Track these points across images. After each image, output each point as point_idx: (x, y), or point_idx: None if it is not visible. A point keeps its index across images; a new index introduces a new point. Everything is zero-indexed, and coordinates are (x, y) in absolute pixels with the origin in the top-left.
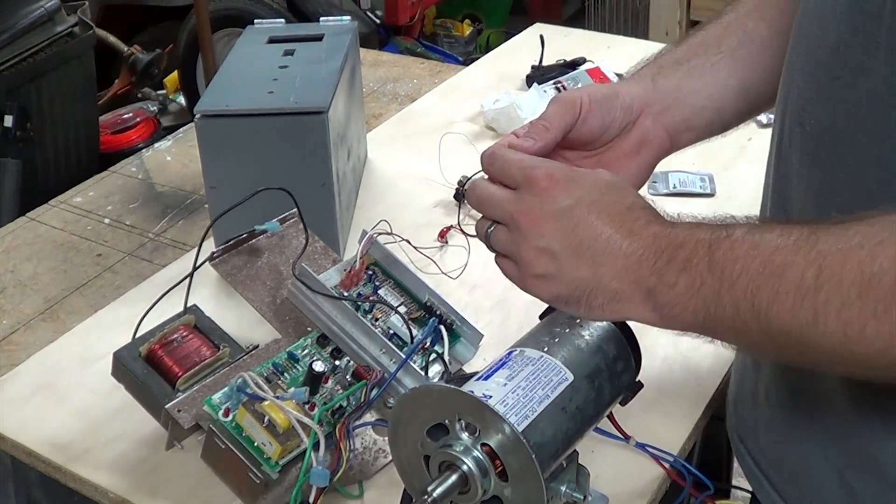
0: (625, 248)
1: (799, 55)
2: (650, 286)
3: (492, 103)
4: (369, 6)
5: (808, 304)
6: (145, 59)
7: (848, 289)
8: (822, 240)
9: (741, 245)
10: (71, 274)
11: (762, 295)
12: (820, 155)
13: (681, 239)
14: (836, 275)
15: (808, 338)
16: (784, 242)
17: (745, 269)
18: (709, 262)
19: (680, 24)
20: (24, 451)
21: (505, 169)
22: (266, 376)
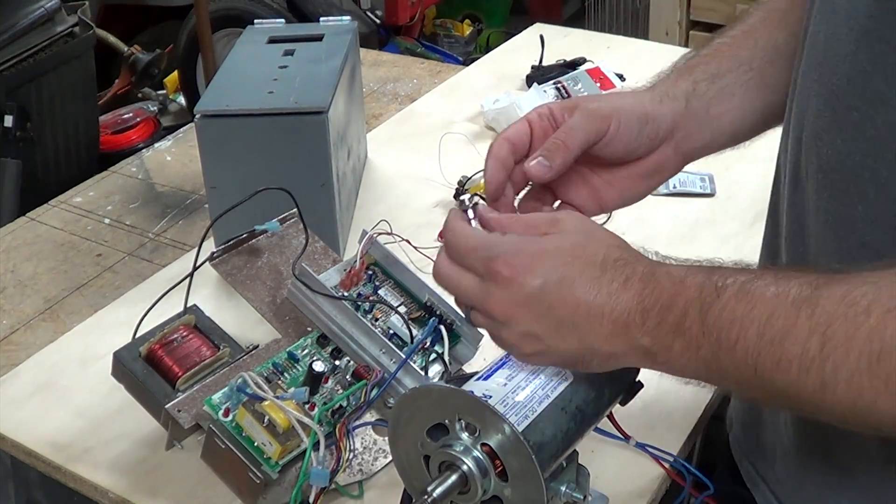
0: (608, 314)
1: (812, 80)
2: (646, 346)
3: (492, 103)
4: (369, 6)
5: (815, 373)
6: (145, 59)
7: (856, 360)
8: (825, 300)
9: (735, 306)
10: (71, 274)
11: (764, 362)
12: (838, 186)
13: (667, 297)
14: (843, 345)
15: (816, 402)
16: (782, 303)
17: (742, 335)
18: (702, 325)
19: (680, 24)
20: (24, 451)
21: (463, 260)
22: (266, 376)
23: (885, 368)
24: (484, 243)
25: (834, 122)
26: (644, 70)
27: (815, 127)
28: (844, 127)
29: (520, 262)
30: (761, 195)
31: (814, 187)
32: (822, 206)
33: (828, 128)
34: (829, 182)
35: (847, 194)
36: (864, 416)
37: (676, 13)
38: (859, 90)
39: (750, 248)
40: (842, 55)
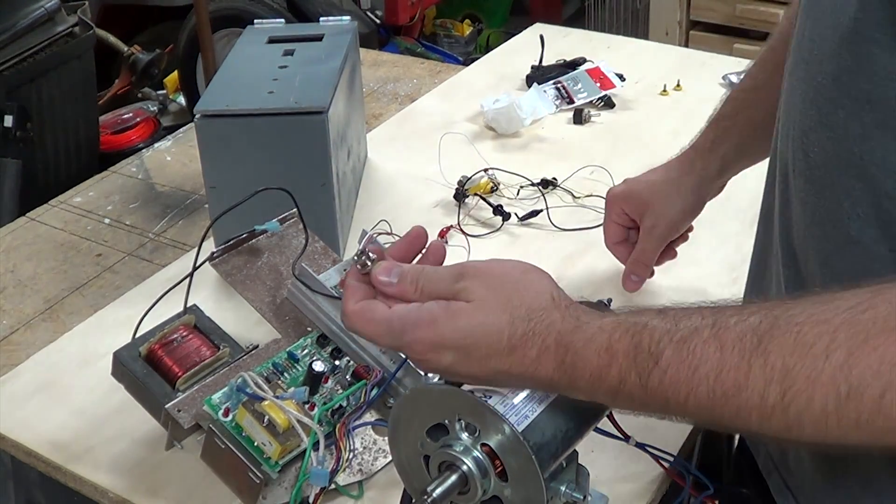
0: (531, 378)
1: (798, 79)
2: (589, 395)
3: (492, 103)
4: (369, 6)
5: (778, 419)
6: (145, 59)
7: (822, 404)
8: (776, 348)
9: (678, 369)
10: (71, 274)
11: (721, 413)
12: (824, 182)
13: (595, 369)
14: (806, 391)
15: (783, 439)
16: (728, 358)
17: (692, 393)
18: (644, 390)
19: (680, 24)
20: (24, 451)
21: (377, 341)
22: (266, 376)
23: (854, 407)
24: (388, 329)
25: (820, 121)
26: (644, 70)
27: (802, 125)
28: (830, 125)
29: (428, 341)
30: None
31: (801, 184)
32: (810, 203)
33: (814, 126)
34: (816, 178)
35: (833, 191)
36: (837, 446)
37: (676, 13)
38: (844, 89)
39: (749, 248)
40: (827, 54)
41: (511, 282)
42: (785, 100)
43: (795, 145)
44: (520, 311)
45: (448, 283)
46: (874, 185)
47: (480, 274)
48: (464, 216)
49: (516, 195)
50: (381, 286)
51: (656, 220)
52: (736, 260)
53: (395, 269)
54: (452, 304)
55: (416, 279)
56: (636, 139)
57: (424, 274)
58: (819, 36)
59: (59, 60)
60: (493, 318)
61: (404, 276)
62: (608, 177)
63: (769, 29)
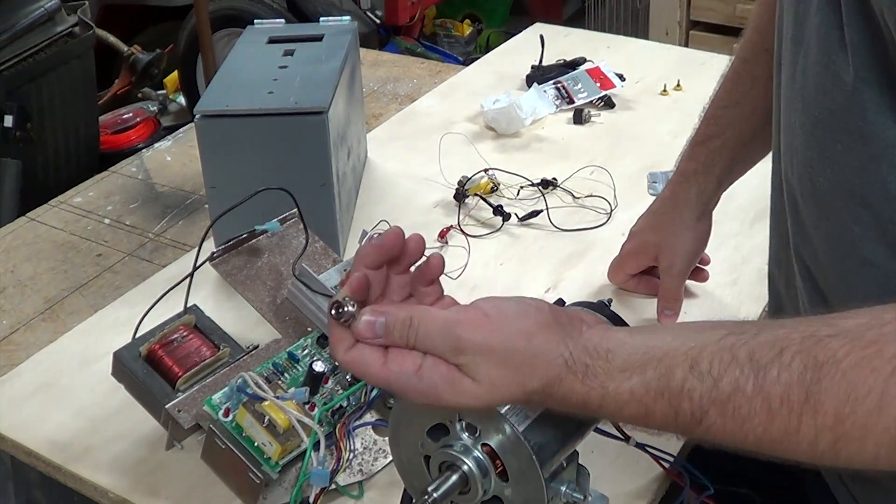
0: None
1: (796, 110)
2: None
3: (492, 103)
4: (369, 6)
5: (829, 460)
6: (145, 59)
7: (875, 450)
8: (827, 397)
9: (722, 428)
10: (71, 274)
11: (770, 453)
12: (832, 210)
13: (626, 421)
14: (857, 440)
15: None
16: (775, 413)
17: (738, 443)
18: (687, 437)
19: (680, 24)
20: (24, 451)
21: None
22: (266, 376)
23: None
24: (386, 386)
25: (821, 154)
26: (644, 70)
27: (805, 157)
28: (831, 157)
29: (431, 395)
30: (761, 195)
31: (812, 209)
32: (822, 227)
33: (817, 158)
34: (825, 205)
35: (842, 217)
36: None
37: (676, 13)
38: (840, 125)
39: (749, 248)
40: (820, 90)
41: (518, 354)
42: (784, 132)
43: (802, 173)
44: (533, 385)
45: (445, 350)
46: (877, 213)
47: (482, 351)
48: (464, 216)
49: (516, 195)
50: (367, 342)
51: (672, 259)
52: (736, 260)
53: (380, 324)
54: (457, 380)
55: (405, 335)
56: (636, 139)
57: (415, 330)
58: (812, 71)
59: (59, 60)
60: (507, 398)
61: (391, 329)
62: (608, 177)
63: None
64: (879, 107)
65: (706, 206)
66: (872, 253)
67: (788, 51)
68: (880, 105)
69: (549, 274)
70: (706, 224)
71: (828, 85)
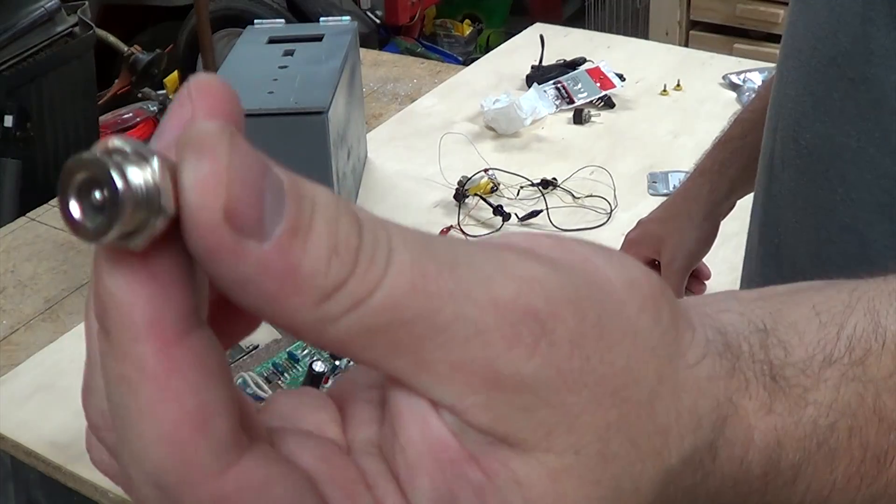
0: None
1: (790, 70)
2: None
3: (492, 103)
4: (369, 6)
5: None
6: (145, 59)
7: None
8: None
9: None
10: (71, 274)
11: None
12: (817, 170)
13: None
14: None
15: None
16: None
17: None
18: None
19: (680, 24)
20: (24, 451)
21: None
22: (266, 376)
23: None
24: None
25: (813, 105)
26: (644, 70)
27: (795, 113)
28: (825, 109)
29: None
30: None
31: (792, 175)
32: (801, 193)
33: (807, 111)
34: (808, 166)
35: (827, 178)
36: None
37: (676, 13)
38: (840, 71)
39: None
40: (821, 38)
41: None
42: (775, 94)
43: (786, 136)
44: (671, 461)
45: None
46: (872, 166)
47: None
48: (464, 216)
49: (516, 195)
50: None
51: (674, 254)
52: (736, 260)
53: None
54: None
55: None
56: (636, 139)
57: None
58: (813, 21)
59: (59, 60)
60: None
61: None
62: (608, 177)
63: (769, 29)
64: (887, 49)
65: (715, 207)
66: (854, 218)
67: (792, 10)
68: (887, 48)
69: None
70: (712, 226)
71: (833, 27)
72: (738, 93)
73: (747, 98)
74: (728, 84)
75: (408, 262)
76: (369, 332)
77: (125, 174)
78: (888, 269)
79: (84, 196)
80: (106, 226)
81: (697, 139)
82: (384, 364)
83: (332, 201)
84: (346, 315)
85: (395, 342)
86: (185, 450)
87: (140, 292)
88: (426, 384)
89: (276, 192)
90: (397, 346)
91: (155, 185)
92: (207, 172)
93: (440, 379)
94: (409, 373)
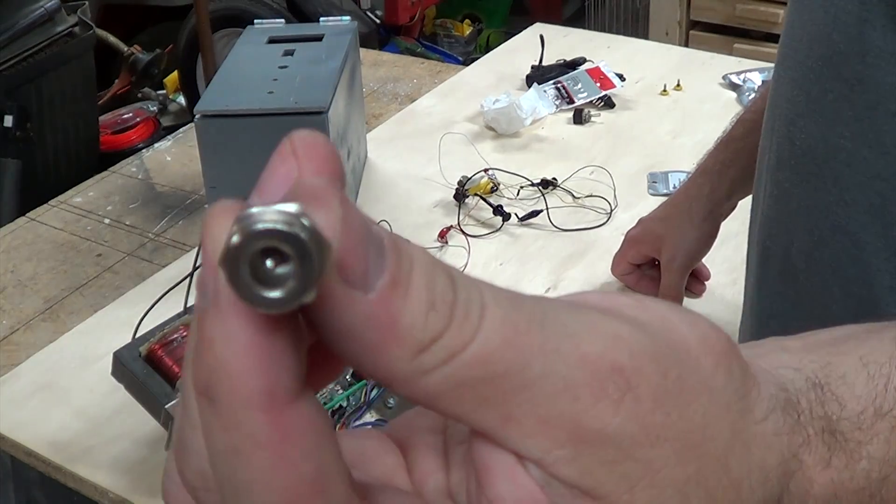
0: None
1: (786, 70)
2: None
3: (492, 103)
4: (369, 6)
5: None
6: (145, 59)
7: None
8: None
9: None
10: (71, 274)
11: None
12: (811, 171)
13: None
14: None
15: None
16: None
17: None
18: None
19: (680, 24)
20: (24, 451)
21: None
22: None
23: None
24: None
25: (808, 106)
26: (644, 70)
27: (790, 113)
28: (819, 110)
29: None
30: None
31: (787, 175)
32: (796, 194)
33: (802, 112)
34: (803, 167)
35: (820, 178)
36: None
37: (676, 13)
38: (835, 72)
39: None
40: (816, 38)
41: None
42: (772, 95)
43: (781, 137)
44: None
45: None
46: (865, 168)
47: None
48: (464, 216)
49: (516, 195)
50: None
51: (674, 253)
52: (736, 260)
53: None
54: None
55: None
56: (636, 139)
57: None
58: (809, 21)
59: (59, 60)
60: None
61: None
62: (608, 177)
63: (769, 29)
64: (882, 50)
65: (716, 207)
66: (847, 219)
67: (789, 10)
68: (882, 49)
69: (549, 274)
70: (712, 226)
71: (829, 27)
72: (738, 93)
73: (747, 98)
74: (728, 84)
75: (500, 318)
76: (461, 385)
77: (312, 238)
78: (881, 272)
79: (258, 266)
80: (299, 292)
81: (697, 139)
82: (472, 417)
83: (429, 259)
84: (440, 368)
85: (484, 396)
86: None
87: (257, 362)
88: (513, 438)
89: (377, 247)
90: (486, 399)
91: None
92: (323, 225)
93: (527, 433)
94: (496, 426)
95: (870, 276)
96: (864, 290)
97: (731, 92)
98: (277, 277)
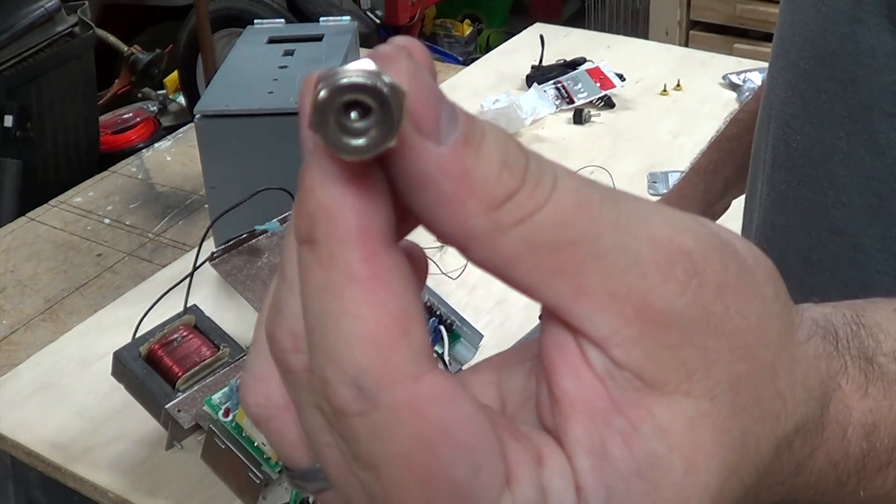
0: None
1: (780, 71)
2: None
3: (492, 103)
4: (369, 6)
5: None
6: (145, 59)
7: None
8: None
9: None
10: (71, 274)
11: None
12: (807, 172)
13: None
14: None
15: None
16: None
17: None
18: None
19: (680, 24)
20: (24, 451)
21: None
22: None
23: None
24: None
25: (803, 107)
26: (644, 70)
27: (785, 114)
28: (814, 110)
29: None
30: None
31: (783, 176)
32: (792, 195)
33: (797, 113)
34: (798, 168)
35: (817, 179)
36: None
37: (676, 13)
38: (827, 72)
39: None
40: (809, 39)
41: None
42: (767, 95)
43: (776, 138)
44: (787, 427)
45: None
46: (861, 168)
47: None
48: None
49: None
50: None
51: None
52: None
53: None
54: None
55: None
56: (636, 139)
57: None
58: (802, 22)
59: (59, 60)
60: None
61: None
62: (608, 177)
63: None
64: (875, 49)
65: (710, 207)
66: (844, 220)
67: (781, 11)
68: (875, 48)
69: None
70: None
71: (821, 27)
72: (738, 93)
73: (747, 98)
74: (728, 84)
75: (573, 187)
76: (535, 248)
77: (391, 89)
78: (880, 274)
79: (344, 116)
80: (381, 139)
81: (697, 139)
82: (545, 287)
83: (502, 130)
84: (516, 227)
85: (557, 263)
86: (387, 351)
87: (353, 202)
88: (584, 314)
89: (449, 112)
90: (560, 267)
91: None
92: (395, 77)
93: (598, 307)
94: (568, 298)
95: (868, 277)
96: (862, 293)
97: (731, 92)
98: (361, 128)
